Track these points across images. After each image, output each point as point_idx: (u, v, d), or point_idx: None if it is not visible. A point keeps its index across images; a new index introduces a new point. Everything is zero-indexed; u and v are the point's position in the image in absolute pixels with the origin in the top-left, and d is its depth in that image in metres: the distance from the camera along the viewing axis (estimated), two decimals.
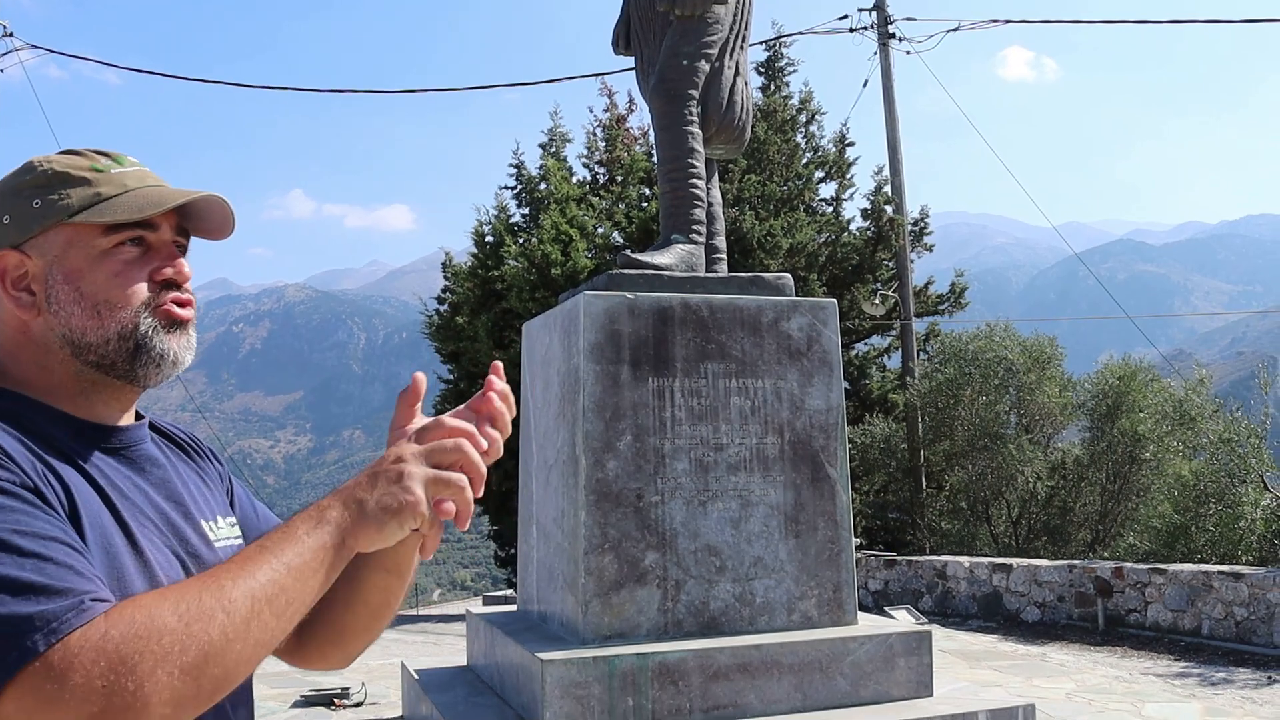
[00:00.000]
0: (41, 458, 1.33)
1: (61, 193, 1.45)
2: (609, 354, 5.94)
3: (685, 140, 6.65)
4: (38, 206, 1.45)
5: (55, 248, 1.45)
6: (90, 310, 1.46)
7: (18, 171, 1.49)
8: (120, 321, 1.46)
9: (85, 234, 1.46)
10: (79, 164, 1.49)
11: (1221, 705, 8.07)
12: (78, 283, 1.45)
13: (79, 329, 1.45)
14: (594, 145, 21.74)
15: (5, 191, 1.47)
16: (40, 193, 1.46)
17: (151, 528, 1.47)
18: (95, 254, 1.46)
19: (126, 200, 1.46)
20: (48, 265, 1.45)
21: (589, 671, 5.50)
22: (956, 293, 21.42)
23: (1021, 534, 17.85)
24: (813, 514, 6.23)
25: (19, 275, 1.46)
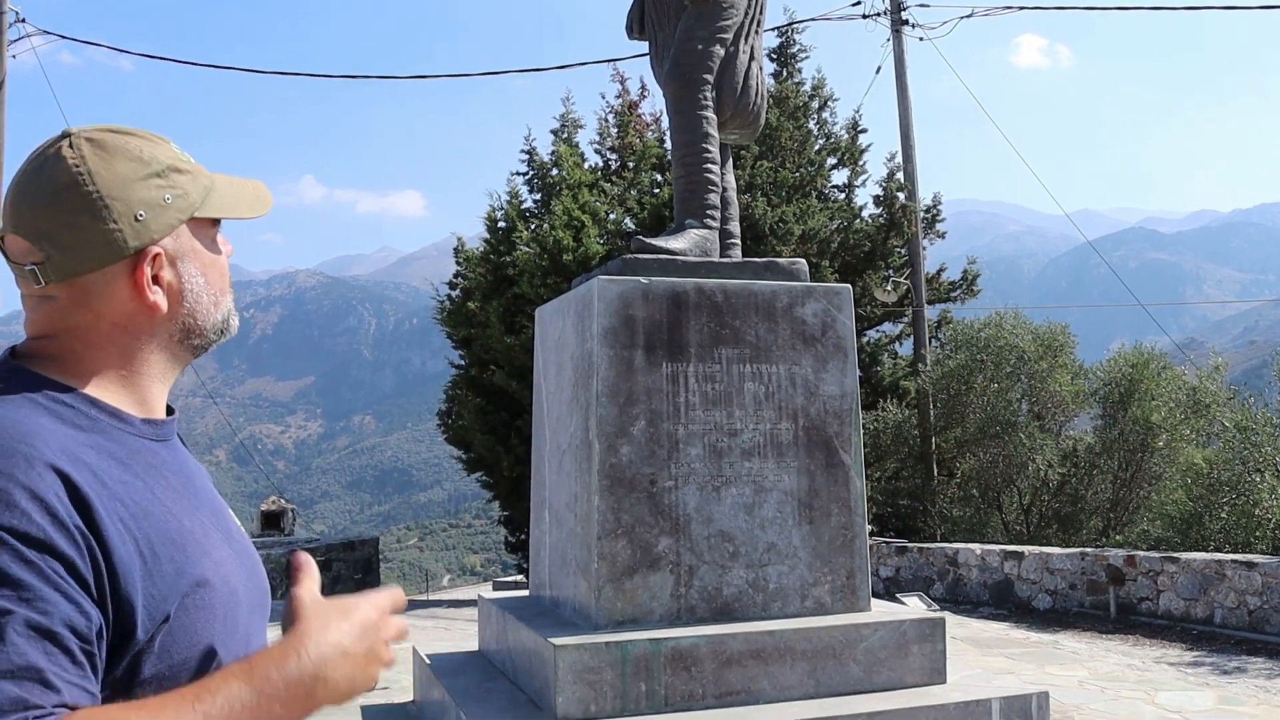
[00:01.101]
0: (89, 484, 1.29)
1: (182, 184, 1.47)
2: (623, 339, 5.93)
3: (700, 125, 6.63)
4: (169, 201, 1.45)
5: (185, 241, 1.48)
6: (214, 298, 1.52)
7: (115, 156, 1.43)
8: (225, 306, 1.55)
9: (202, 226, 1.50)
10: (170, 152, 1.48)
11: (1235, 694, 8.04)
12: (208, 274, 1.51)
13: (205, 316, 1.51)
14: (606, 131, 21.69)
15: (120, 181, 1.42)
16: (165, 185, 1.45)
17: (205, 514, 1.48)
18: (210, 244, 1.52)
19: (230, 194, 1.52)
20: (180, 257, 1.47)
21: (602, 657, 5.49)
22: (969, 280, 21.35)
23: (1033, 521, 17.82)
24: (826, 500, 6.21)
25: (157, 272, 1.46)
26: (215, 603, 1.38)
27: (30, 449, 1.26)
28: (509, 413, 18.15)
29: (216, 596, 1.38)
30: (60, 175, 1.40)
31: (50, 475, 1.25)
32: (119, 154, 1.43)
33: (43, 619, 1.16)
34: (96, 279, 1.42)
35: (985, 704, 5.81)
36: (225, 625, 1.39)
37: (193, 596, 1.35)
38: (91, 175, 1.40)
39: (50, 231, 1.39)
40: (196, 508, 1.47)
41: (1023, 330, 17.89)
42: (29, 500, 1.21)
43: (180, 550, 1.36)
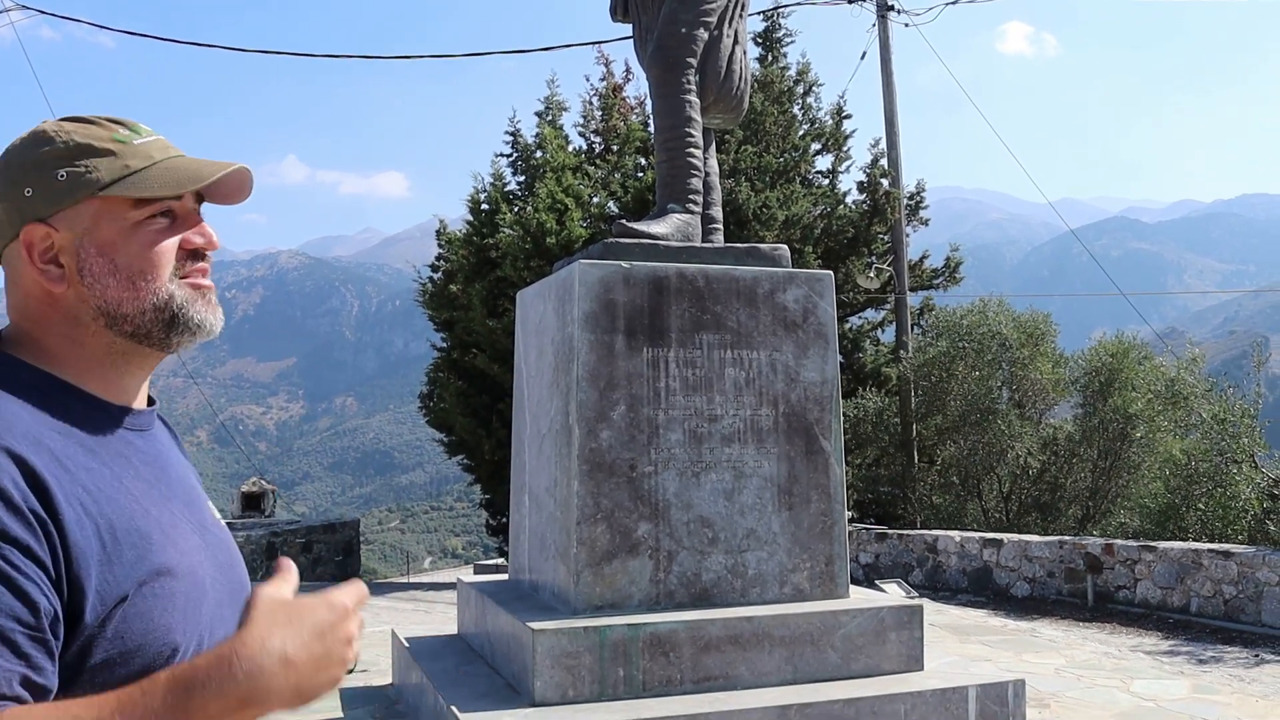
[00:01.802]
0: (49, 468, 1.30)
1: (88, 165, 1.45)
2: (603, 323, 5.91)
3: (683, 109, 6.60)
4: (63, 179, 1.44)
5: (85, 220, 1.45)
6: (125, 282, 1.46)
7: (32, 140, 1.47)
8: (155, 292, 1.47)
9: (116, 206, 1.46)
10: (99, 134, 1.47)
11: (1210, 683, 8.09)
12: (112, 255, 1.46)
13: (115, 300, 1.46)
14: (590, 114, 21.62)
15: (24, 163, 1.45)
16: (64, 164, 1.44)
17: (177, 505, 1.48)
18: (127, 226, 1.46)
19: (158, 174, 1.47)
20: (77, 238, 1.45)
21: (580, 641, 5.49)
22: (951, 267, 21.38)
23: (1012, 509, 17.89)
24: (806, 486, 6.21)
25: (45, 248, 1.45)
26: (176, 592, 1.37)
27: None
28: (490, 396, 18.11)
29: (178, 586, 1.37)
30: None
31: (7, 461, 1.25)
32: (37, 138, 1.46)
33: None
34: (9, 258, 1.47)
35: (962, 691, 5.83)
36: (186, 616, 1.37)
37: (152, 585, 1.34)
38: (7, 155, 1.47)
39: None
40: (168, 498, 1.47)
41: (1005, 318, 17.93)
42: None
43: (144, 538, 1.35)
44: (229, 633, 1.37)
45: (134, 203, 1.46)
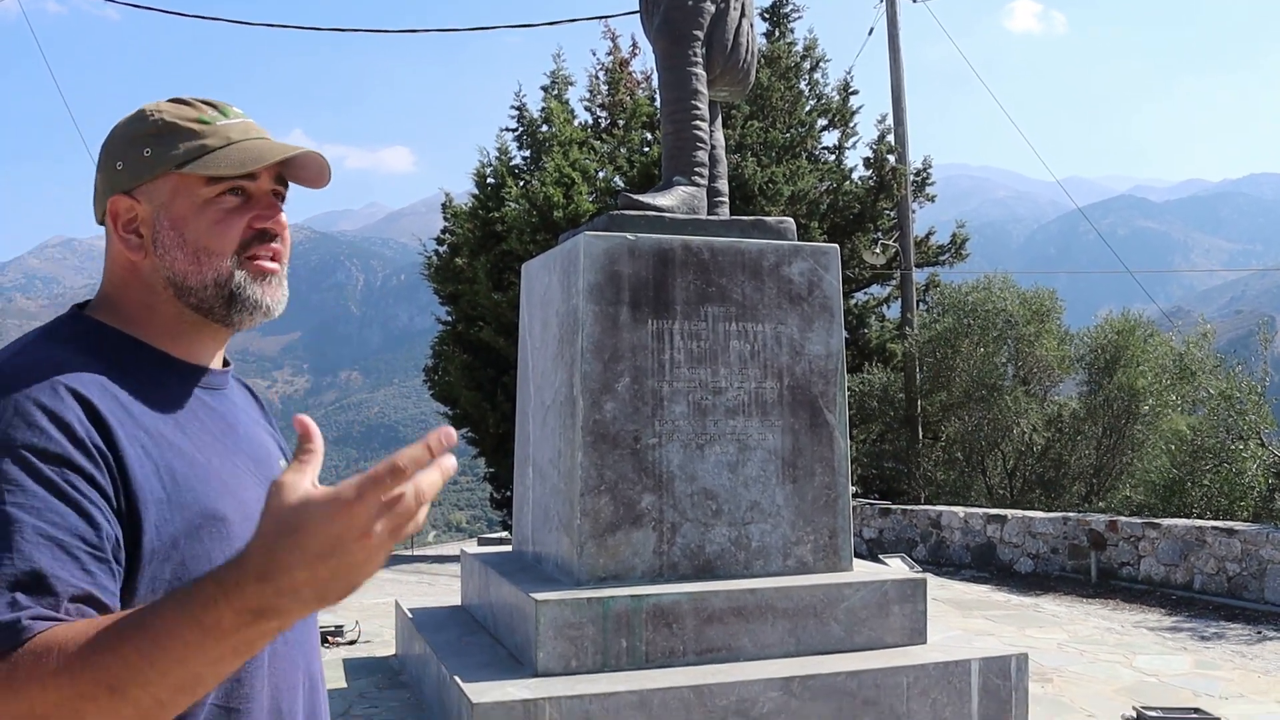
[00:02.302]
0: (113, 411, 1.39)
1: (171, 143, 1.55)
2: (608, 295, 5.90)
3: (689, 81, 6.57)
4: (148, 155, 1.55)
5: (163, 194, 1.55)
6: (191, 255, 1.56)
7: (131, 120, 1.59)
8: (217, 269, 1.56)
9: (190, 183, 1.55)
10: (187, 115, 1.58)
11: (1212, 659, 8.10)
12: (182, 229, 1.56)
13: (181, 272, 1.56)
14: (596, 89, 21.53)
15: (119, 139, 1.58)
16: (151, 142, 1.55)
17: (242, 460, 1.57)
18: (199, 202, 1.56)
19: (230, 153, 1.56)
20: (155, 210, 1.56)
21: (583, 612, 5.50)
22: (957, 243, 21.29)
23: (1016, 486, 17.88)
24: (810, 459, 6.21)
25: (129, 218, 1.57)
26: (233, 536, 1.45)
27: (59, 379, 1.38)
28: (495, 369, 18.10)
29: (235, 531, 1.45)
30: None
31: (72, 400, 1.36)
32: (135, 117, 1.59)
33: (51, 528, 1.26)
34: (106, 226, 1.59)
35: (965, 664, 5.84)
36: None
37: (209, 528, 1.43)
38: (111, 133, 1.59)
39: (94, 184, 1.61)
40: (233, 452, 1.57)
41: (1011, 294, 17.88)
42: (48, 421, 1.33)
43: (202, 483, 1.45)
44: None
45: (207, 180, 1.55)
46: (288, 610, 1.16)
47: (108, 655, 1.15)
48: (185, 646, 1.14)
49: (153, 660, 1.14)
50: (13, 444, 1.30)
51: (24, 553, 1.23)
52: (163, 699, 1.17)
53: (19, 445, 1.30)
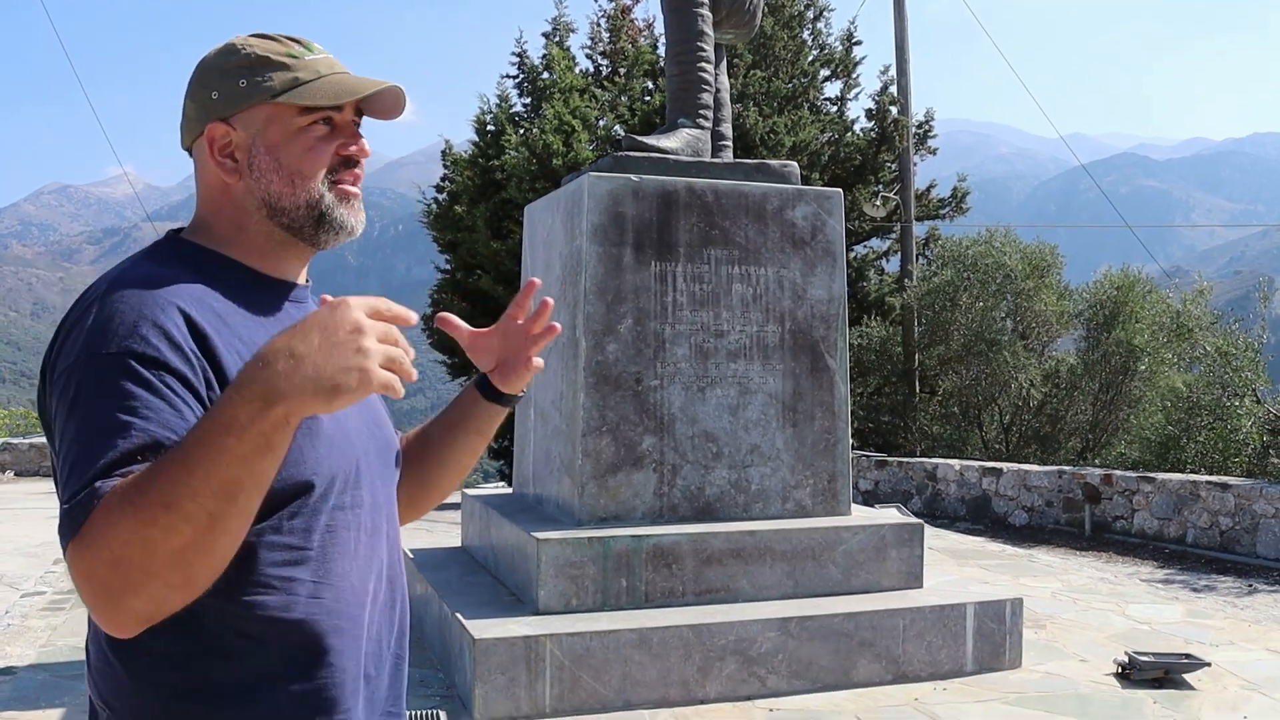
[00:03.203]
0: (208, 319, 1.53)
1: (265, 75, 1.67)
2: (612, 236, 5.90)
3: (695, 23, 6.53)
4: (244, 86, 1.66)
5: (258, 122, 1.68)
6: (286, 179, 1.68)
7: (221, 52, 1.71)
8: (309, 191, 1.69)
9: (284, 112, 1.68)
10: (277, 49, 1.70)
11: (1203, 609, 8.17)
12: (277, 154, 1.68)
13: (276, 194, 1.68)
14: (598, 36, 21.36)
15: (212, 70, 1.69)
16: (246, 73, 1.67)
17: None
18: (292, 130, 1.69)
19: (322, 86, 1.69)
20: (250, 137, 1.68)
21: (584, 552, 5.54)
22: (958, 197, 21.22)
23: (1012, 440, 17.95)
24: (810, 404, 6.23)
25: (225, 144, 1.68)
26: (320, 431, 1.59)
27: (162, 292, 1.52)
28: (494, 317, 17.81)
29: (322, 427, 1.60)
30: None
31: (173, 310, 1.50)
32: (225, 49, 1.70)
33: (143, 422, 1.39)
34: (197, 151, 1.72)
35: (960, 609, 5.90)
36: (330, 452, 1.61)
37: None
38: (201, 63, 1.71)
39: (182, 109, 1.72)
40: None
41: (1011, 248, 17.85)
42: (150, 329, 1.46)
43: None
44: (376, 479, 1.74)
45: (299, 110, 1.68)
46: (288, 393, 1.28)
47: (158, 477, 1.29)
48: (215, 449, 1.28)
49: (191, 468, 1.28)
50: (117, 350, 1.44)
51: (117, 446, 1.36)
52: (211, 509, 1.29)
53: (121, 351, 1.43)
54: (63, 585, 8.54)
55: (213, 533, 1.31)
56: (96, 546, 1.29)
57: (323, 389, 1.29)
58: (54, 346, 1.53)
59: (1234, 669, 6.28)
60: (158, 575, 1.30)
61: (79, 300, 1.55)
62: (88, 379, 1.44)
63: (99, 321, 1.48)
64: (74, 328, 1.50)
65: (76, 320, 1.51)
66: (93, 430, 1.39)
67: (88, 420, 1.40)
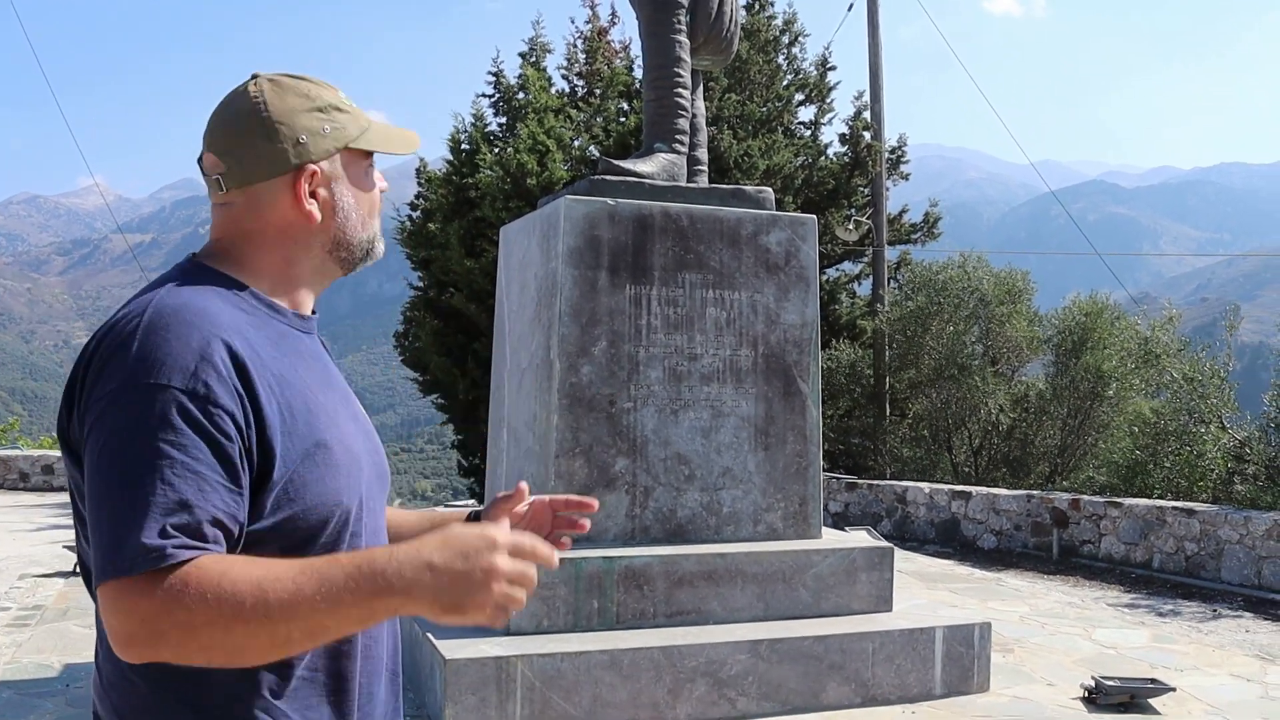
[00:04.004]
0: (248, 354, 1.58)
1: (342, 122, 1.76)
2: (588, 259, 5.93)
3: (673, 48, 6.59)
4: (329, 131, 1.74)
5: (340, 165, 1.77)
6: (361, 219, 1.82)
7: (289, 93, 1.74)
8: (371, 228, 1.85)
9: (355, 155, 1.79)
10: (333, 95, 1.78)
11: (1169, 633, 8.25)
12: (358, 196, 1.80)
13: (353, 233, 1.81)
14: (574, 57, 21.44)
15: (288, 111, 1.73)
16: (325, 121, 1.75)
17: (336, 395, 1.79)
18: (361, 172, 1.81)
19: (385, 134, 1.82)
20: (335, 178, 1.77)
21: (555, 573, 5.55)
22: (930, 222, 21.38)
23: (981, 464, 18.05)
24: (783, 427, 6.28)
25: (314, 187, 1.75)
26: (339, 462, 1.66)
27: (207, 324, 1.56)
28: (466, 335, 18.09)
29: (340, 457, 1.67)
30: (243, 104, 1.73)
31: (219, 344, 1.55)
32: (291, 91, 1.74)
33: (195, 463, 1.46)
34: (265, 189, 1.73)
35: (930, 632, 5.94)
36: (348, 481, 1.68)
37: (320, 454, 1.64)
38: (267, 104, 1.72)
39: (232, 148, 1.72)
40: (329, 388, 1.78)
41: (984, 273, 17.99)
42: (202, 364, 1.51)
43: (313, 415, 1.66)
44: (376, 503, 1.80)
45: (365, 154, 1.81)
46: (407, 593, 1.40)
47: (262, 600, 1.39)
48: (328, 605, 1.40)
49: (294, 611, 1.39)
50: (168, 386, 1.49)
51: (174, 485, 1.43)
52: (294, 637, 1.42)
53: (173, 386, 1.49)
54: (27, 601, 8.47)
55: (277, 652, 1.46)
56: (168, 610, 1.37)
57: (440, 604, 1.42)
58: (87, 371, 1.55)
59: (1198, 694, 6.34)
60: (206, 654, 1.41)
61: (115, 326, 1.57)
62: (134, 409, 1.47)
63: (145, 349, 1.51)
64: (115, 354, 1.53)
65: (118, 347, 1.53)
66: (145, 470, 1.44)
67: (139, 459, 1.44)
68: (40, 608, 8.12)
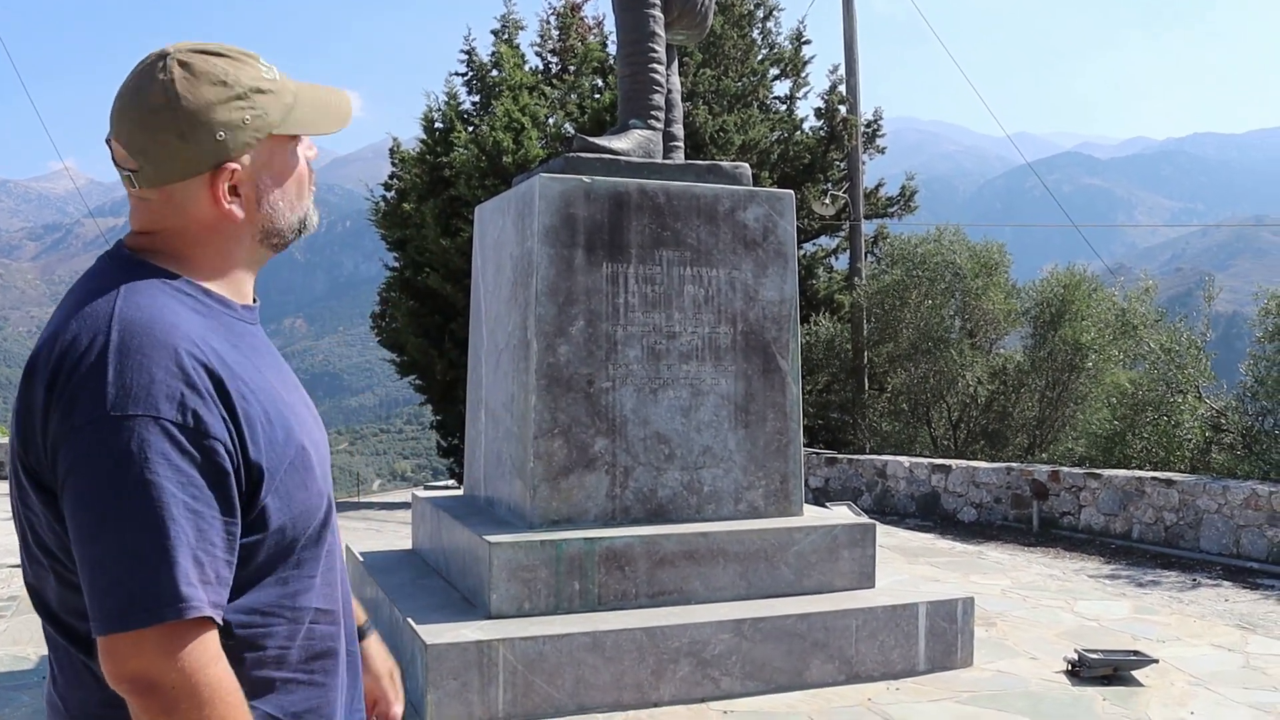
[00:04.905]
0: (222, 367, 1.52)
1: (263, 105, 1.63)
2: (563, 238, 5.86)
3: (646, 23, 6.51)
4: (248, 122, 1.61)
5: (263, 155, 1.65)
6: (289, 205, 1.71)
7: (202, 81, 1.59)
8: (303, 210, 1.74)
9: (279, 140, 1.67)
10: (256, 73, 1.64)
11: (1150, 604, 8.26)
12: (283, 183, 1.69)
13: (280, 220, 1.70)
14: (548, 34, 21.33)
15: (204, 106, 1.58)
16: (245, 107, 1.61)
17: (292, 388, 1.73)
18: (286, 155, 1.69)
19: (310, 112, 1.69)
20: (256, 172, 1.65)
21: (536, 555, 5.51)
22: (906, 195, 21.38)
23: (960, 437, 18.10)
24: (763, 405, 6.23)
25: (234, 184, 1.64)
26: (313, 461, 1.64)
27: (180, 340, 1.49)
28: (443, 315, 18.01)
29: (313, 456, 1.65)
30: (154, 97, 1.58)
31: (197, 365, 1.48)
32: (205, 78, 1.59)
33: (194, 502, 1.43)
34: (182, 188, 1.62)
35: (913, 608, 5.92)
36: (322, 476, 1.67)
37: (300, 457, 1.61)
38: (179, 97, 1.58)
39: (144, 146, 1.59)
40: (291, 386, 1.73)
41: (960, 247, 18.00)
42: (187, 392, 1.45)
43: (286, 420, 1.61)
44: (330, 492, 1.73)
45: (290, 135, 1.68)
46: None
47: None
48: None
49: None
50: (157, 418, 1.43)
51: (186, 530, 1.41)
52: None
53: (163, 419, 1.43)
54: (3, 592, 8.38)
55: None
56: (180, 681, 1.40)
57: None
58: (51, 397, 1.46)
59: (1180, 665, 6.35)
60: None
61: (74, 344, 1.48)
62: (124, 443, 1.41)
63: (122, 375, 1.43)
64: (87, 381, 1.44)
65: (89, 373, 1.44)
66: (154, 511, 1.40)
67: (144, 499, 1.40)
68: (15, 598, 8.03)
